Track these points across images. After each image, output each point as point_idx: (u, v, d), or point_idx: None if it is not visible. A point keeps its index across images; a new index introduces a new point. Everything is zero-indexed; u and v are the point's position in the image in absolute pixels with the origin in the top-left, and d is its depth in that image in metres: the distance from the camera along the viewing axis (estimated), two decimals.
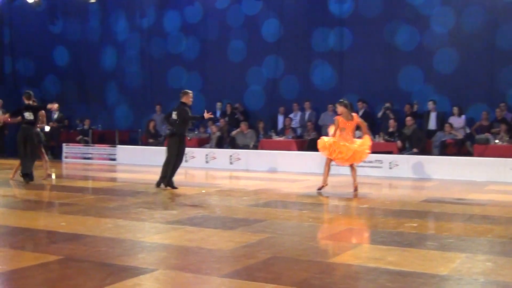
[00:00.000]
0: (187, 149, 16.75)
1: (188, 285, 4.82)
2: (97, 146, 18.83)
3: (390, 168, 14.44)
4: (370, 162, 13.88)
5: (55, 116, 19.03)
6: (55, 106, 12.93)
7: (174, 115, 11.02)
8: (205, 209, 8.71)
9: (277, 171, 15.16)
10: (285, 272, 5.17)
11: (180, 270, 5.16)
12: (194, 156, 16.85)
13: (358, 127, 11.23)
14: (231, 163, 16.27)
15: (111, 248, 5.97)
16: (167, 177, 11.06)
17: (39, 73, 21.67)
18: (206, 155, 16.77)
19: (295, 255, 5.81)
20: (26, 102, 11.80)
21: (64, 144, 19.03)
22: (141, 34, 20.21)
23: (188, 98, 11.19)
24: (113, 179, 14.01)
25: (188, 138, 16.12)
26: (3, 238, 6.56)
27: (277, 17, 17.96)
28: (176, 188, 10.97)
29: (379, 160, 14.43)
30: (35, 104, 12.00)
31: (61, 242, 6.18)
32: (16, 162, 12.25)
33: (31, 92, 11.96)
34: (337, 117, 10.84)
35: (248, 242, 6.35)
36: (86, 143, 19.23)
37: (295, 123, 17.32)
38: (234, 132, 17.33)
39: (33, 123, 11.72)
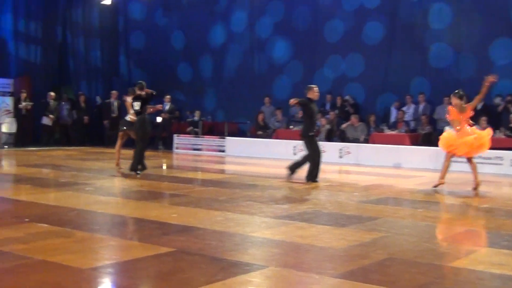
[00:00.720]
0: (296, 142, 16.81)
1: (301, 284, 4.70)
2: (206, 137, 19.16)
3: None
4: (489, 158, 13.21)
5: (167, 107, 19.54)
6: (159, 107, 13.24)
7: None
8: (316, 205, 8.57)
9: (396, 166, 14.71)
10: (402, 275, 4.95)
11: (292, 268, 5.05)
12: (303, 149, 16.72)
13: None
14: (340, 156, 16.02)
15: (221, 242, 5.98)
16: (312, 173, 11.08)
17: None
18: None
19: (412, 256, 5.55)
20: (138, 92, 12.05)
21: (175, 135, 19.51)
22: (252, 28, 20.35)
23: (314, 93, 11.11)
24: (222, 171, 14.16)
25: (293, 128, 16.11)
26: (117, 228, 6.75)
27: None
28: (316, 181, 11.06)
29: (499, 157, 13.68)
30: (147, 93, 12.22)
31: (173, 234, 6.25)
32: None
33: (143, 83, 12.20)
34: (449, 108, 10.45)
35: (362, 241, 6.16)
36: (196, 134, 19.62)
37: (408, 116, 16.80)
38: (344, 125, 17.06)
39: (139, 113, 11.96)
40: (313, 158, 11.18)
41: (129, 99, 12.21)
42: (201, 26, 21.27)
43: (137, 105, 11.88)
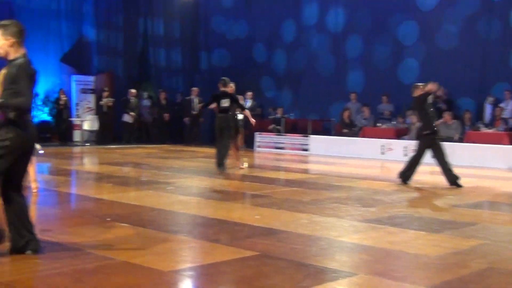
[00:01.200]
0: (384, 141, 16.50)
1: None
2: (289, 135, 19.12)
3: None
4: None
5: (248, 104, 19.63)
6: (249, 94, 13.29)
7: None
8: (407, 208, 8.36)
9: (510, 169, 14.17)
10: (505, 287, 4.71)
11: (383, 276, 4.91)
12: (392, 149, 16.44)
13: None
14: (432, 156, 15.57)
15: (307, 246, 5.90)
16: (407, 173, 10.81)
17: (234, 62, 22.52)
18: (405, 147, 16.21)
19: None
20: (222, 89, 12.19)
21: (256, 133, 19.57)
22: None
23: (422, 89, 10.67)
24: (306, 171, 14.07)
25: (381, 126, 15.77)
26: (199, 230, 6.79)
27: None
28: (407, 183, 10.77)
29: None
30: (232, 91, 12.39)
31: (256, 237, 6.23)
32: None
33: (227, 79, 12.32)
34: None
35: (458, 248, 5.92)
36: (278, 132, 19.61)
37: (507, 113, 16.14)
38: (436, 123, 16.57)
39: (228, 110, 12.13)
40: (414, 158, 10.82)
41: None
42: (275, 20, 21.28)
43: (225, 102, 12.01)
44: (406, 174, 10.79)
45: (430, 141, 10.60)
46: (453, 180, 10.48)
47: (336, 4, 20.02)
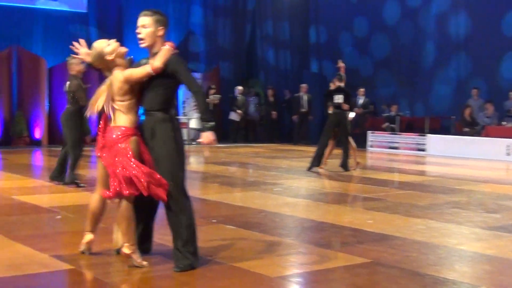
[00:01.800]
0: (509, 141, 15.85)
1: None
2: (404, 134, 18.76)
3: None
4: None
5: (360, 101, 19.44)
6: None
7: None
8: None
9: None
10: None
11: None
12: None
13: None
14: None
15: (423, 254, 5.75)
16: None
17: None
18: None
19: None
20: (337, 84, 12.23)
21: (369, 132, 19.34)
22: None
23: None
24: (422, 173, 13.74)
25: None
26: (308, 234, 6.78)
27: None
28: None
29: None
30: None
31: (368, 243, 6.14)
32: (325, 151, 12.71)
33: (343, 75, 12.33)
34: None
35: None
36: (392, 131, 19.29)
37: None
38: None
39: (340, 107, 12.14)
40: None
41: None
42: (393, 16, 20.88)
43: (339, 98, 12.01)
44: None
45: None
46: None
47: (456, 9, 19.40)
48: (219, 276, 4.86)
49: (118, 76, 4.90)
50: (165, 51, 4.81)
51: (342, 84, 12.32)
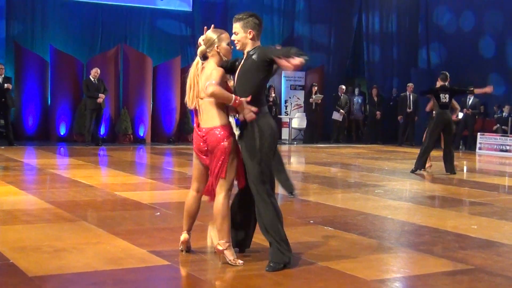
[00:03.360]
0: None
1: None
2: None
3: None
4: None
5: (469, 101, 18.90)
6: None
7: None
8: None
9: None
10: None
11: None
12: None
13: None
14: None
15: None
16: None
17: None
18: None
19: None
20: (441, 83, 12.05)
21: (479, 134, 18.77)
22: None
23: None
24: None
25: None
26: (408, 238, 6.66)
27: None
28: None
29: None
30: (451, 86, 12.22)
31: (471, 249, 5.98)
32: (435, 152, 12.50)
33: (447, 74, 12.15)
34: None
35: None
36: (504, 133, 18.64)
37: None
38: None
39: (446, 107, 11.90)
40: None
41: None
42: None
43: (444, 97, 11.82)
44: None
45: None
46: None
47: None
48: (315, 277, 4.87)
49: (208, 72, 5.00)
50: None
51: (446, 84, 12.09)
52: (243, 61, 5.10)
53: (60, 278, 4.72)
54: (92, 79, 16.71)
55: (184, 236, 5.38)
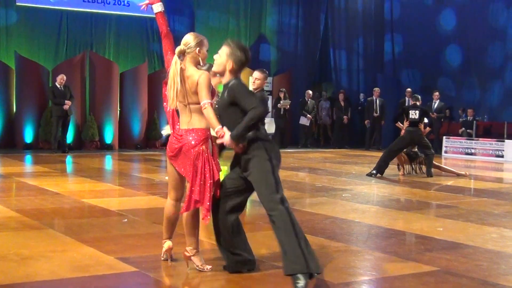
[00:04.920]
0: None
1: None
2: (481, 140, 18.35)
3: None
4: None
5: (435, 106, 19.15)
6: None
7: None
8: None
9: None
10: None
11: None
12: None
13: None
14: None
15: (494, 263, 5.64)
16: None
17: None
18: None
19: None
20: (413, 102, 12.92)
21: (444, 137, 19.03)
22: None
23: None
24: (499, 180, 13.42)
25: None
26: (375, 240, 6.74)
27: None
28: None
29: None
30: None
31: (437, 251, 6.07)
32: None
33: (419, 96, 12.98)
34: None
35: None
36: (468, 136, 18.91)
37: None
38: None
39: (417, 124, 12.54)
40: None
41: None
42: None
43: (414, 113, 12.56)
44: None
45: None
46: None
47: None
48: (282, 280, 4.88)
49: (195, 78, 4.94)
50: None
51: (417, 103, 12.86)
52: (222, 92, 5.05)
53: (26, 287, 4.68)
54: (58, 86, 16.57)
55: (167, 244, 5.30)
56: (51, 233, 6.58)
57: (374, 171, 12.53)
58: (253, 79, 8.07)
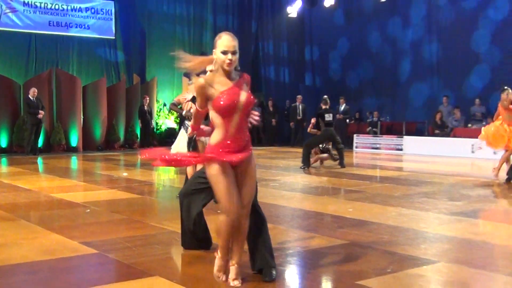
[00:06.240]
0: (473, 140, 15.86)
1: (472, 281, 4.40)
2: (385, 136, 18.77)
3: None
4: None
5: (342, 108, 19.47)
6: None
7: None
8: (493, 202, 7.99)
9: None
10: None
11: (464, 264, 4.75)
12: (482, 148, 15.75)
13: None
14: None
15: (394, 236, 5.79)
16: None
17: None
18: None
19: None
20: (325, 106, 12.96)
21: (355, 135, 19.38)
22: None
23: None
24: (399, 169, 13.74)
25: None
26: (298, 221, 6.83)
27: None
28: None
29: None
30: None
31: (347, 227, 6.19)
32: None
33: (327, 99, 13.10)
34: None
35: None
36: (374, 134, 19.32)
37: None
38: None
39: (332, 124, 12.86)
40: None
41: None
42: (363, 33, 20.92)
43: (329, 116, 12.75)
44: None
45: None
46: None
47: (430, 36, 19.42)
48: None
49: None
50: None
51: (327, 106, 12.99)
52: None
53: (1, 270, 4.56)
54: (32, 98, 16.21)
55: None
56: (23, 224, 6.42)
57: (302, 166, 12.62)
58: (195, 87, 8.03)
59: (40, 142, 17.21)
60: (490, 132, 10.44)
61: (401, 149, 17.89)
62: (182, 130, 7.83)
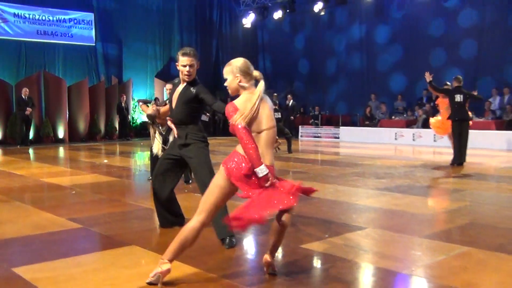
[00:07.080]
0: (396, 130, 16.23)
1: (393, 242, 4.55)
2: (325, 127, 19.00)
3: None
4: None
5: (290, 104, 19.61)
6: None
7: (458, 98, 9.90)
8: (411, 179, 8.22)
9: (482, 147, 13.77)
10: (481, 237, 4.63)
11: (387, 229, 4.90)
12: (403, 135, 16.15)
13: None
14: (435, 140, 15.22)
15: (331, 208, 5.92)
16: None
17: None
18: (413, 134, 15.94)
19: (492, 222, 5.18)
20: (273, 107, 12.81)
21: (300, 126, 19.55)
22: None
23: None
24: (336, 153, 13.95)
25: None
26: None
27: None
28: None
29: None
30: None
31: None
32: None
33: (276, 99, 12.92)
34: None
35: (448, 208, 5.84)
36: (316, 125, 19.53)
37: (494, 106, 15.61)
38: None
39: (280, 119, 12.88)
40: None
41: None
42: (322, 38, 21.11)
43: (277, 114, 12.73)
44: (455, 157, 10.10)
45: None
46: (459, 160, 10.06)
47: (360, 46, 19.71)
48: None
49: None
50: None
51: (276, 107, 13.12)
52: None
53: None
54: (23, 97, 15.84)
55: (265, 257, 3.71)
56: (17, 204, 6.28)
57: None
58: (167, 90, 7.94)
59: (31, 135, 16.79)
60: (438, 122, 10.84)
61: (338, 137, 18.14)
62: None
